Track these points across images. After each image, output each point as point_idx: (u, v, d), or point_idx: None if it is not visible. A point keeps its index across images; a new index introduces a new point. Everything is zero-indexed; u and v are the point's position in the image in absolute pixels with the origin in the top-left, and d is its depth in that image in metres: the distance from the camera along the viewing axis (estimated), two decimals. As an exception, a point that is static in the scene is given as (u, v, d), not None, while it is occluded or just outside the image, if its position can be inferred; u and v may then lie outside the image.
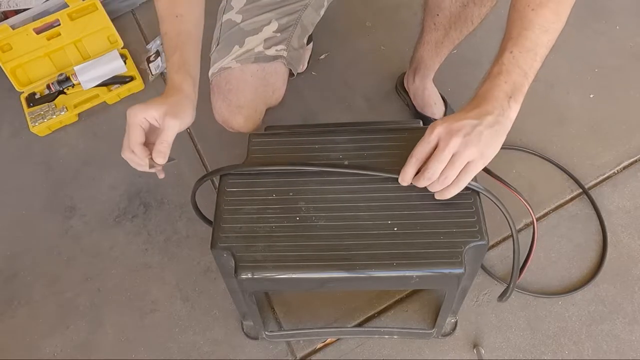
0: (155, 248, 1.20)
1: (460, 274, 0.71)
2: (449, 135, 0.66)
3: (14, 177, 1.34)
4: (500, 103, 0.68)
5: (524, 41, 0.70)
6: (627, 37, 1.42)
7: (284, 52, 0.99)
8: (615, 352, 1.02)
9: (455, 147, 0.66)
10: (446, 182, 0.69)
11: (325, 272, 0.71)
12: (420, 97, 1.26)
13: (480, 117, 0.67)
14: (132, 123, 0.72)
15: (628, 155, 1.24)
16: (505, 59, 0.70)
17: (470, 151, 0.66)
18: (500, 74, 0.69)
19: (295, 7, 1.02)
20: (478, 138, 0.66)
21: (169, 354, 1.08)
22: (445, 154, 0.67)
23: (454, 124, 0.67)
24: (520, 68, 0.69)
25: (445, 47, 1.09)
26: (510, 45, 0.70)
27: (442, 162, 0.67)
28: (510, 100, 0.69)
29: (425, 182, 0.70)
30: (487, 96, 0.69)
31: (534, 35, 0.70)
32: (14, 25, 1.40)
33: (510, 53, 0.70)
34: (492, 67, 0.71)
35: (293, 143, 0.83)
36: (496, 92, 0.69)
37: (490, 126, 0.67)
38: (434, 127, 0.68)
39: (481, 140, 0.66)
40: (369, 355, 1.05)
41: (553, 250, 1.13)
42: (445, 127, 0.67)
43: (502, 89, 0.69)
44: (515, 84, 0.69)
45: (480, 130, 0.66)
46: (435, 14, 1.02)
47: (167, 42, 0.81)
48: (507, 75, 0.69)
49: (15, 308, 1.16)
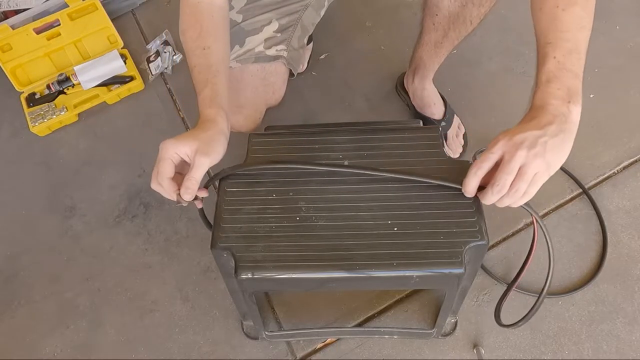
0: (155, 248, 1.20)
1: (460, 274, 0.71)
2: (514, 147, 0.65)
3: (14, 177, 1.34)
4: (559, 110, 0.67)
5: (564, 43, 0.69)
6: (627, 37, 1.42)
7: (284, 52, 0.99)
8: (615, 352, 1.02)
9: (522, 160, 0.65)
10: (517, 195, 0.67)
11: (325, 272, 0.71)
12: (420, 97, 1.26)
13: (543, 127, 0.66)
14: (163, 157, 0.71)
15: (628, 155, 1.24)
16: (551, 66, 0.69)
17: (537, 163, 0.65)
18: (550, 81, 0.68)
19: (296, 7, 1.02)
20: (543, 149, 0.65)
21: (169, 354, 1.08)
22: (512, 166, 0.65)
23: (516, 136, 0.66)
24: (569, 71, 0.68)
25: (445, 47, 1.09)
26: (551, 50, 0.69)
27: (511, 174, 0.65)
28: (570, 105, 0.67)
29: (495, 196, 0.68)
30: (544, 106, 0.67)
31: (572, 35, 0.69)
32: (14, 25, 1.40)
33: (554, 59, 0.69)
34: (539, 75, 0.70)
35: (293, 143, 0.83)
36: (552, 100, 0.67)
37: (554, 135, 0.65)
38: (496, 140, 0.67)
39: (546, 151, 0.65)
40: (369, 355, 1.05)
41: (553, 250, 1.13)
42: (509, 140, 0.66)
43: (557, 96, 0.67)
44: (569, 88, 0.68)
45: (545, 141, 0.65)
46: (434, 14, 1.02)
47: (197, 76, 0.80)
48: (558, 82, 0.68)
49: (15, 308, 1.16)
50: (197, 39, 0.81)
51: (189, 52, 0.82)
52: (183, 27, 0.84)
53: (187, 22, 0.84)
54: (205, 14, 0.83)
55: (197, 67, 0.80)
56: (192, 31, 0.82)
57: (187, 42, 0.83)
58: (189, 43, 0.82)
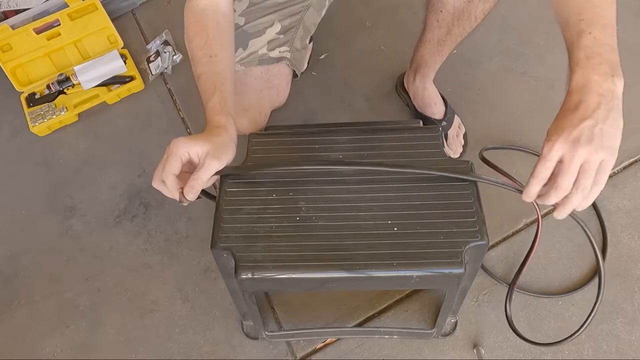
0: (155, 248, 1.20)
1: (460, 274, 0.71)
2: (572, 148, 0.63)
3: (14, 177, 1.34)
4: (605, 87, 0.65)
5: (599, 19, 0.68)
6: (627, 37, 1.42)
7: (288, 53, 0.99)
8: (615, 352, 1.02)
9: (583, 158, 0.63)
10: (586, 192, 0.65)
11: (325, 272, 0.71)
12: (421, 97, 1.26)
13: (592, 114, 0.64)
14: (173, 153, 0.71)
15: (628, 155, 1.24)
16: (589, 42, 0.67)
17: (599, 155, 0.63)
18: (590, 58, 0.66)
19: (298, 8, 1.02)
20: (600, 138, 0.63)
21: (169, 354, 1.08)
22: (572, 168, 0.63)
23: (572, 134, 0.63)
24: (607, 45, 0.67)
25: (447, 45, 1.09)
26: (585, 26, 0.67)
27: (573, 175, 0.64)
28: (614, 78, 0.66)
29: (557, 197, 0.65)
30: (587, 84, 0.65)
31: (606, 11, 0.68)
32: (14, 25, 1.40)
33: (590, 34, 0.67)
34: (576, 53, 0.68)
35: (293, 143, 0.83)
36: (596, 77, 0.65)
37: (605, 119, 0.64)
38: (552, 143, 0.64)
39: (603, 138, 0.63)
40: (369, 355, 1.05)
41: (553, 250, 1.13)
42: (564, 140, 0.63)
43: (600, 72, 0.65)
44: (610, 62, 0.66)
45: (600, 129, 0.63)
46: (438, 11, 1.01)
47: (204, 83, 0.79)
48: (599, 57, 0.66)
49: (15, 308, 1.16)
50: (203, 47, 0.81)
51: (195, 61, 0.81)
52: (189, 36, 0.83)
53: (192, 30, 0.83)
54: (211, 21, 0.82)
55: (204, 75, 0.80)
56: (199, 39, 0.81)
57: (193, 51, 0.82)
58: (195, 51, 0.81)
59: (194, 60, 0.82)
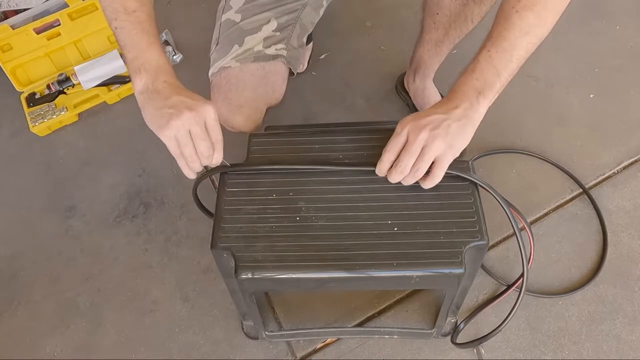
0: (155, 248, 1.20)
1: (460, 274, 0.71)
2: (417, 129, 0.70)
3: (14, 177, 1.34)
4: (468, 98, 0.71)
5: (502, 42, 0.72)
6: (627, 37, 1.42)
7: (284, 51, 0.99)
8: (615, 352, 1.02)
9: (423, 140, 0.69)
10: (418, 175, 0.71)
11: (325, 272, 0.71)
12: (421, 97, 1.26)
13: (448, 111, 0.70)
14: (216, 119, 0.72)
15: (628, 155, 1.24)
16: (481, 57, 0.72)
17: (438, 144, 0.69)
18: (473, 71, 0.72)
19: (294, 6, 1.02)
20: (445, 131, 0.69)
21: (169, 354, 1.08)
22: (414, 147, 0.69)
23: (422, 119, 0.70)
24: (494, 67, 0.72)
25: (445, 46, 1.09)
26: (488, 44, 0.73)
27: (413, 155, 0.70)
28: (479, 96, 0.71)
29: (398, 175, 0.72)
30: (457, 91, 0.72)
31: (513, 37, 0.72)
32: (14, 25, 1.40)
33: (487, 52, 0.72)
34: (468, 65, 0.74)
35: (293, 143, 0.83)
36: (466, 88, 0.72)
37: (458, 119, 0.70)
38: (404, 122, 0.71)
39: (449, 133, 0.69)
40: (369, 355, 1.05)
41: (553, 250, 1.13)
42: (414, 122, 0.70)
43: (472, 85, 0.72)
44: (486, 81, 0.71)
45: (448, 124, 0.69)
46: (434, 13, 1.02)
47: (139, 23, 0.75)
48: (479, 73, 0.72)
49: (15, 308, 1.16)
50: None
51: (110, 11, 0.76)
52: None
53: None
54: None
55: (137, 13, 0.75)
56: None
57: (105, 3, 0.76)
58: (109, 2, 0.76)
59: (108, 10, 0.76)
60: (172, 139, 0.71)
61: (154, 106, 0.72)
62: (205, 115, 0.71)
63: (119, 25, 0.76)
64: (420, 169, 0.71)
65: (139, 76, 0.74)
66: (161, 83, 0.73)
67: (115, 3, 0.76)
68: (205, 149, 0.72)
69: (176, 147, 0.72)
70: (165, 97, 0.72)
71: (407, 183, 0.73)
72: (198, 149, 0.72)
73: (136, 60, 0.74)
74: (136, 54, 0.74)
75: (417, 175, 0.72)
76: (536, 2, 0.71)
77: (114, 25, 0.76)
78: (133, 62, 0.74)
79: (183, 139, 0.71)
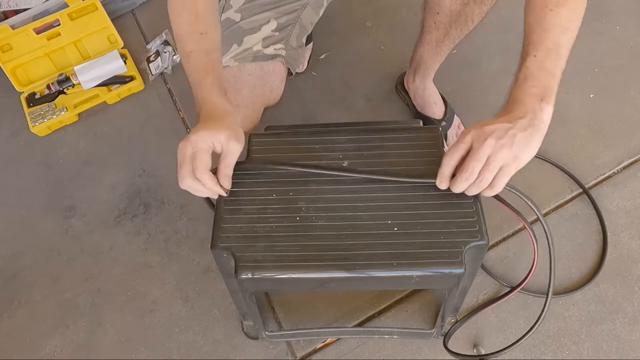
0: (155, 248, 1.20)
1: (461, 273, 0.71)
2: (482, 137, 0.67)
3: (14, 177, 1.34)
4: (532, 107, 0.68)
5: (545, 43, 0.70)
6: (627, 37, 1.42)
7: (283, 51, 0.99)
8: (615, 352, 1.02)
9: (490, 149, 0.66)
10: (483, 185, 0.68)
11: (325, 272, 0.71)
12: (421, 97, 1.26)
13: (513, 121, 0.67)
14: (201, 148, 0.69)
15: (628, 155, 1.24)
16: (529, 64, 0.70)
17: (504, 153, 0.66)
18: (526, 79, 0.70)
19: (294, 6, 1.02)
20: (511, 141, 0.66)
21: (169, 354, 1.08)
22: (480, 154, 0.66)
23: (486, 127, 0.67)
24: (546, 70, 0.69)
25: (446, 46, 1.09)
26: (532, 49, 0.70)
27: (480, 162, 0.67)
28: (542, 103, 0.69)
29: (464, 183, 0.69)
30: (517, 102, 0.69)
31: (555, 36, 0.70)
32: (14, 25, 1.40)
33: (534, 57, 0.70)
34: (517, 73, 0.71)
35: (293, 143, 0.83)
36: (526, 98, 0.69)
37: (523, 129, 0.67)
38: (467, 131, 0.69)
39: (514, 143, 0.66)
40: (369, 355, 1.05)
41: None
42: (478, 130, 0.67)
43: (531, 93, 0.69)
44: (544, 87, 0.69)
45: (514, 134, 0.66)
46: (435, 13, 1.02)
47: (195, 62, 0.77)
48: (534, 80, 0.69)
49: (15, 308, 1.16)
50: (193, 23, 0.78)
51: (184, 37, 0.79)
52: (175, 9, 0.80)
53: (180, 5, 0.80)
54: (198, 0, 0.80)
55: (194, 53, 0.77)
56: (187, 15, 0.79)
57: (181, 26, 0.79)
58: (184, 27, 0.79)
59: (181, 37, 0.79)
60: None
61: None
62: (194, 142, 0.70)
63: (185, 69, 0.79)
64: (486, 178, 0.67)
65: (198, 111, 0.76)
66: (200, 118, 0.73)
67: (180, 50, 0.80)
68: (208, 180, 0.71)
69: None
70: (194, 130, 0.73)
71: (471, 193, 0.70)
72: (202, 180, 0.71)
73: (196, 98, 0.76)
74: (194, 93, 0.76)
75: (482, 186, 0.68)
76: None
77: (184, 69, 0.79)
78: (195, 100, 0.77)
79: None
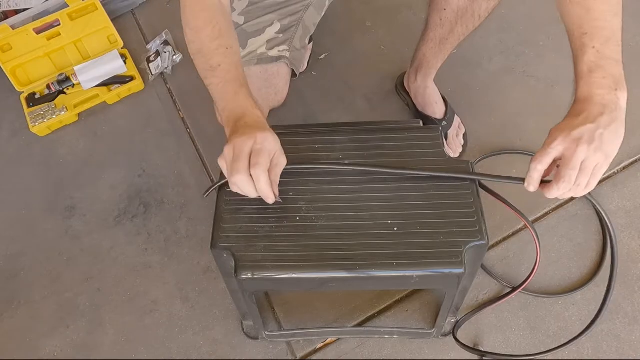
0: (155, 248, 1.20)
1: (461, 273, 0.71)
2: (573, 143, 0.66)
3: (14, 177, 1.34)
4: (608, 99, 0.67)
5: (601, 32, 0.69)
6: (627, 37, 1.41)
7: (287, 52, 0.99)
8: (615, 352, 1.02)
9: (583, 155, 0.66)
10: (579, 190, 0.68)
11: (326, 272, 0.71)
12: (422, 96, 1.26)
13: (595, 120, 0.66)
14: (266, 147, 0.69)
15: (628, 155, 1.24)
16: (591, 56, 0.69)
17: (598, 156, 0.66)
18: (592, 71, 0.69)
19: (297, 7, 1.02)
20: (601, 142, 0.66)
21: (169, 354, 1.08)
22: (575, 161, 0.66)
23: (573, 132, 0.66)
24: (610, 59, 0.69)
25: (450, 44, 1.08)
26: (588, 40, 0.69)
27: (575, 169, 0.67)
28: (617, 92, 0.68)
29: (561, 190, 0.69)
30: (591, 97, 0.68)
31: (608, 23, 0.70)
32: (14, 25, 1.40)
33: (593, 48, 0.69)
34: (580, 67, 0.70)
35: (293, 143, 0.82)
36: (598, 90, 0.68)
37: (607, 126, 0.66)
38: (553, 137, 0.67)
39: (603, 143, 0.66)
40: (369, 355, 1.05)
41: (553, 250, 1.13)
42: (566, 136, 0.66)
43: (603, 85, 0.68)
44: (614, 75, 0.68)
45: (601, 133, 0.66)
46: (442, 9, 1.01)
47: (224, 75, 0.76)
48: (601, 71, 0.68)
49: (15, 308, 1.16)
50: (218, 37, 0.78)
51: (210, 51, 0.78)
52: (197, 26, 0.79)
53: (201, 20, 0.79)
54: (219, 13, 0.80)
55: (223, 66, 0.76)
56: (211, 30, 0.78)
57: (205, 42, 0.78)
58: (208, 43, 0.78)
59: (207, 51, 0.78)
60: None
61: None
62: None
63: (209, 83, 0.77)
64: (582, 183, 0.67)
65: (228, 126, 0.74)
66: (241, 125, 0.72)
67: (203, 64, 0.78)
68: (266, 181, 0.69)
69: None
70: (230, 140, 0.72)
71: (565, 197, 0.71)
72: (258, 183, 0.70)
73: (225, 111, 0.75)
74: (224, 105, 0.75)
75: (579, 190, 0.68)
76: None
77: (206, 84, 0.78)
78: (223, 114, 0.75)
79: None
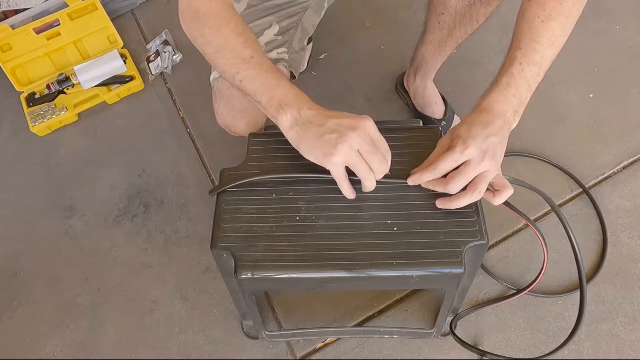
0: (155, 248, 1.20)
1: (460, 273, 0.71)
2: (480, 157, 0.68)
3: (14, 177, 1.34)
4: (508, 117, 0.71)
5: (532, 54, 0.71)
6: (627, 37, 1.42)
7: (286, 54, 0.99)
8: (615, 352, 1.02)
9: (486, 168, 0.68)
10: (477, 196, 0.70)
11: (326, 272, 0.71)
12: (421, 97, 1.26)
13: (498, 133, 0.69)
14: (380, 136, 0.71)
15: (628, 155, 1.24)
16: (515, 70, 0.71)
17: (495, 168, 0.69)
18: (509, 86, 0.71)
19: (296, 9, 1.02)
20: (499, 155, 0.69)
21: (169, 354, 1.08)
22: (471, 174, 0.68)
23: (483, 145, 0.68)
24: (527, 82, 0.71)
25: (449, 46, 1.08)
26: (519, 55, 0.71)
27: (468, 180, 0.69)
28: (516, 115, 0.72)
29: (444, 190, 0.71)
30: (497, 109, 0.71)
31: (542, 49, 0.71)
32: (14, 25, 1.40)
33: (520, 65, 0.71)
34: (500, 77, 0.72)
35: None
36: (506, 106, 0.71)
37: (502, 141, 0.70)
38: (467, 145, 0.68)
39: (498, 155, 0.69)
40: (369, 355, 1.05)
41: (553, 251, 1.13)
42: (477, 147, 0.68)
43: (511, 103, 0.71)
44: (521, 99, 0.71)
45: (501, 149, 0.70)
46: (440, 13, 1.01)
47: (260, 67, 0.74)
48: (516, 89, 0.71)
49: (15, 308, 1.16)
50: (243, 32, 0.76)
51: (238, 45, 0.75)
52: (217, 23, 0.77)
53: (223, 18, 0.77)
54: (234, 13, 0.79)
55: (256, 58, 0.74)
56: (235, 25, 0.77)
57: (230, 37, 0.76)
58: (234, 37, 0.76)
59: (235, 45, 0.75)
60: (341, 165, 0.69)
61: (312, 136, 0.70)
62: (368, 131, 0.69)
63: (243, 77, 0.74)
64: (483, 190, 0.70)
65: (283, 113, 0.71)
66: (308, 112, 0.71)
67: (233, 58, 0.75)
68: (379, 163, 0.70)
69: (343, 172, 0.70)
70: (320, 124, 0.70)
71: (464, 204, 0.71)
72: (372, 165, 0.70)
73: (273, 100, 0.72)
74: (270, 94, 0.73)
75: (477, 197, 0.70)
76: (560, 13, 0.71)
77: (239, 79, 0.75)
78: (271, 103, 0.72)
79: (355, 159, 0.68)
